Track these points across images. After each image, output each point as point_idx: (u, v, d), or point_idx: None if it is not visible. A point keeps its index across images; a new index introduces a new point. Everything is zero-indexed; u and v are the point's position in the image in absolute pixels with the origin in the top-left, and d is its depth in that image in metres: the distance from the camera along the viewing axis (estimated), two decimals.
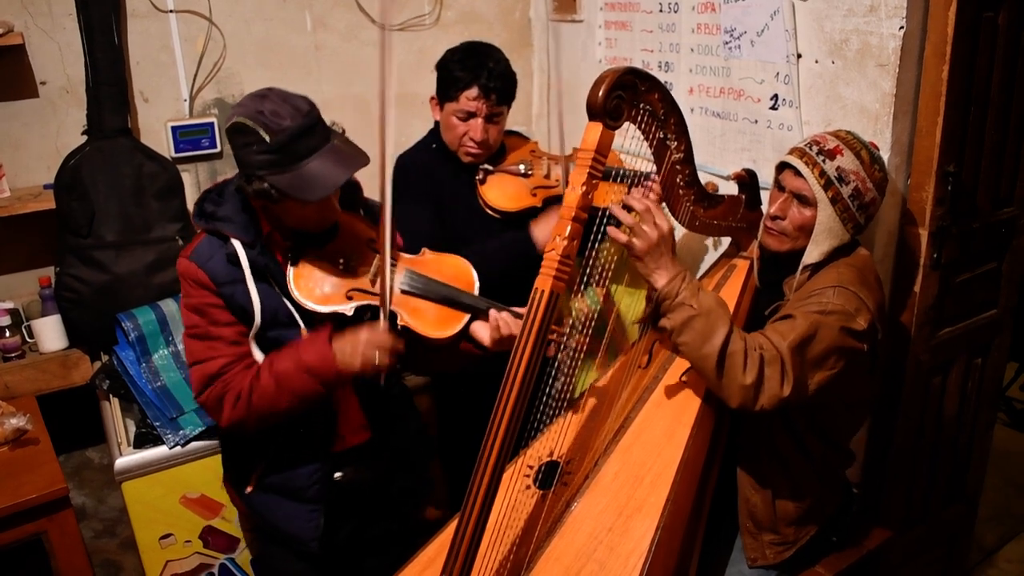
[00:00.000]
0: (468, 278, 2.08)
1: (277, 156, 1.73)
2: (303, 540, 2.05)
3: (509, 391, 1.47)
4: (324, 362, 1.84)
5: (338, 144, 1.83)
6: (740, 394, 1.70)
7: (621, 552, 1.59)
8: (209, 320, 1.88)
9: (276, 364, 1.87)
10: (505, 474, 1.54)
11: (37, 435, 2.48)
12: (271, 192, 1.75)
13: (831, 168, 1.87)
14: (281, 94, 1.79)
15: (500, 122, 2.47)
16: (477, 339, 2.02)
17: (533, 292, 1.50)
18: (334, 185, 1.78)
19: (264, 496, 2.07)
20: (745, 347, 1.70)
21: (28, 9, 2.79)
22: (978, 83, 2.22)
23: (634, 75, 1.64)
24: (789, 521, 1.99)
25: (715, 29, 2.67)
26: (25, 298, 2.99)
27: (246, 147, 1.75)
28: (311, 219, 1.89)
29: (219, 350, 1.88)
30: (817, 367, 1.76)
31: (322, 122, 1.83)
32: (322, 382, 1.85)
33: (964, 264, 2.42)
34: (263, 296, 1.88)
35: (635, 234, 1.71)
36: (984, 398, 2.74)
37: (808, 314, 1.78)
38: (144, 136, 3.02)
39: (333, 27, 3.31)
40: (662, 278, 1.73)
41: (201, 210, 1.92)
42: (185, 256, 1.89)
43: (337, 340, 1.86)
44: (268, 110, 1.73)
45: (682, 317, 1.71)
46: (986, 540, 3.26)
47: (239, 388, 1.86)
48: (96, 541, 3.20)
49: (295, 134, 1.74)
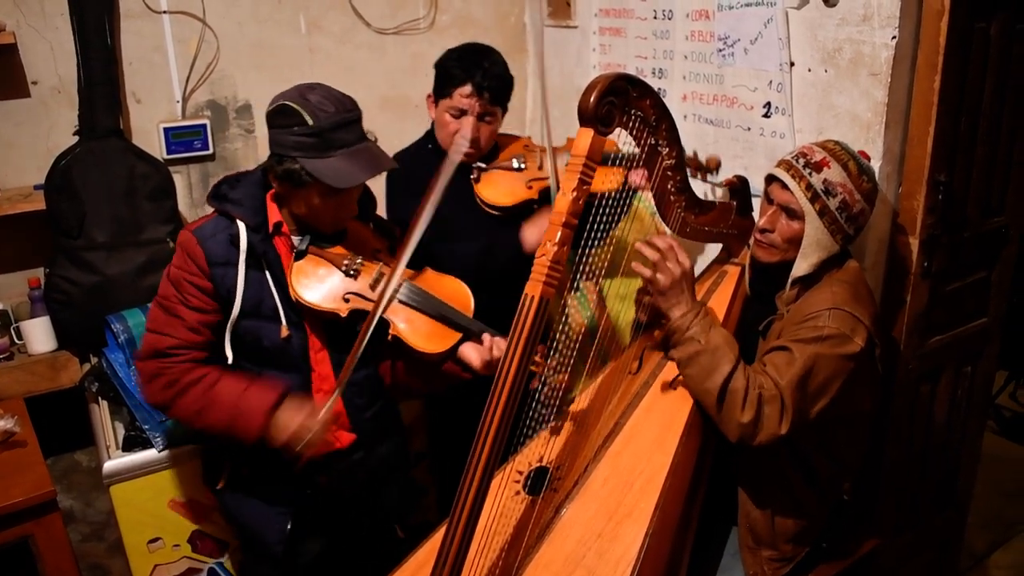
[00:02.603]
0: (465, 301, 2.10)
1: (314, 140, 1.81)
2: (268, 543, 2.06)
3: (498, 396, 1.47)
4: (256, 417, 1.87)
5: (371, 146, 1.92)
6: (738, 431, 1.77)
7: (610, 558, 1.59)
8: (180, 297, 1.90)
9: (218, 386, 1.90)
10: (494, 480, 1.53)
11: (25, 437, 2.47)
12: (301, 174, 1.81)
13: (817, 181, 1.87)
14: (329, 89, 1.89)
15: (492, 123, 2.47)
16: (466, 361, 2.02)
17: (523, 297, 1.50)
18: (362, 178, 1.86)
19: (235, 493, 2.09)
20: (746, 386, 1.76)
21: (20, 8, 2.77)
22: (969, 93, 2.23)
23: (626, 81, 1.64)
24: (788, 538, 2.00)
25: (709, 36, 2.68)
26: (14, 299, 2.98)
27: (286, 128, 1.82)
28: (327, 214, 1.93)
29: (175, 330, 1.90)
30: (818, 398, 1.80)
31: (361, 123, 1.91)
32: (239, 429, 1.88)
33: (954, 273, 2.43)
34: (251, 283, 1.91)
35: (658, 270, 1.80)
36: (974, 406, 2.75)
37: (805, 347, 1.79)
38: (136, 137, 3.01)
39: (327, 30, 3.31)
40: (678, 312, 1.82)
41: (216, 191, 1.98)
42: (189, 229, 1.93)
43: (282, 410, 1.89)
44: (315, 99, 1.83)
45: (689, 351, 1.80)
46: (976, 546, 3.27)
47: (175, 377, 1.89)
48: (84, 545, 3.18)
49: (337, 124, 1.82)
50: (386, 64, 3.46)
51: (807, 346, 1.79)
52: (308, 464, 2.01)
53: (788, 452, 1.95)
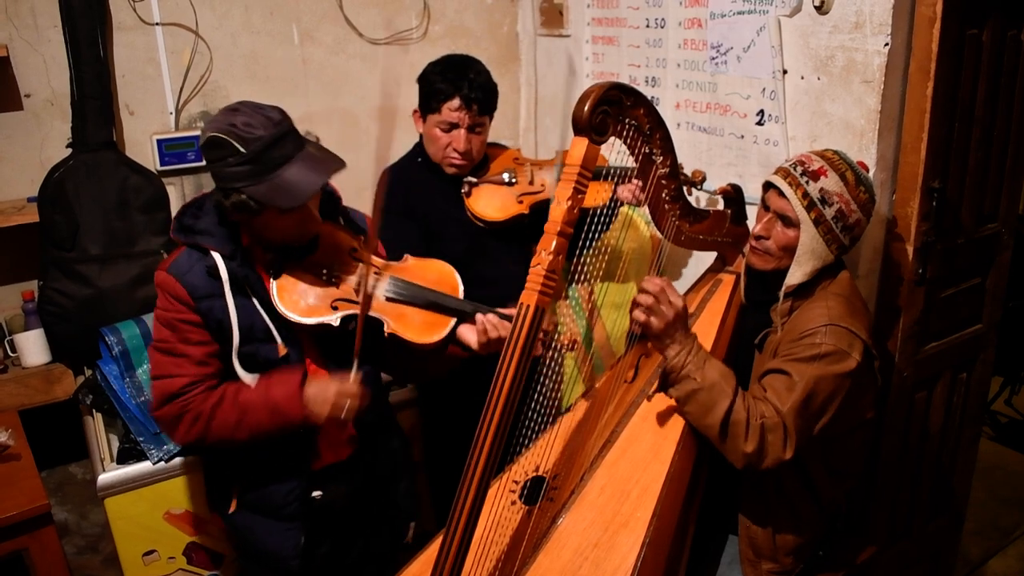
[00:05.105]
0: (452, 282, 2.09)
1: (252, 167, 1.73)
2: (283, 558, 2.04)
3: (495, 406, 1.46)
4: (292, 404, 1.84)
5: (312, 150, 1.83)
6: (743, 460, 1.77)
7: (607, 568, 1.58)
8: (179, 336, 1.86)
9: (242, 394, 1.86)
10: (491, 489, 1.53)
11: (19, 450, 2.46)
12: (250, 204, 1.75)
13: (814, 189, 1.88)
14: (252, 105, 1.79)
15: (483, 133, 2.48)
16: (464, 342, 2.02)
17: (518, 307, 1.50)
18: (312, 191, 1.78)
19: (245, 515, 2.06)
20: (747, 417, 1.76)
21: (13, 21, 2.77)
22: (962, 100, 2.24)
23: (620, 90, 1.64)
24: (788, 551, 2.00)
25: (702, 45, 2.69)
26: (8, 312, 2.97)
27: (221, 161, 1.75)
28: (291, 230, 1.88)
29: (184, 368, 1.86)
30: (819, 417, 1.81)
31: (295, 130, 1.82)
32: (285, 423, 1.85)
33: (949, 279, 2.44)
34: (240, 309, 1.87)
35: (652, 314, 1.79)
36: (969, 412, 2.75)
37: (804, 368, 1.80)
38: (129, 149, 3.01)
39: (320, 41, 3.31)
40: (672, 351, 1.81)
41: (180, 224, 1.91)
42: (163, 269, 1.88)
43: (309, 385, 1.86)
44: (240, 122, 1.73)
45: (686, 390, 1.80)
46: (971, 554, 3.27)
47: (199, 410, 1.85)
48: (79, 557, 3.16)
49: (269, 143, 1.74)
50: (379, 74, 3.46)
51: (806, 367, 1.79)
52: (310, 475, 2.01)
53: (790, 469, 1.94)
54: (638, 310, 1.81)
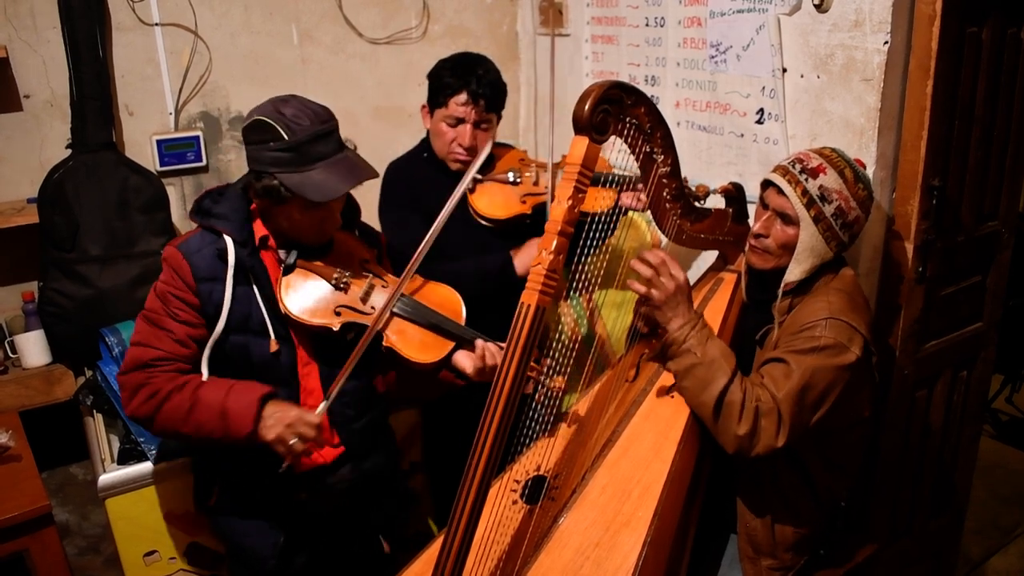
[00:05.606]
0: (456, 308, 2.11)
1: (291, 155, 1.78)
2: (261, 557, 2.05)
3: (496, 405, 1.46)
4: (242, 416, 1.82)
5: (350, 155, 1.88)
6: (735, 443, 1.77)
7: (608, 568, 1.58)
8: (168, 311, 1.87)
9: (203, 388, 1.86)
10: (492, 489, 1.53)
11: (20, 451, 2.45)
12: (280, 189, 1.79)
13: (813, 187, 1.88)
14: (303, 101, 1.86)
15: (489, 130, 2.49)
16: (460, 368, 2.03)
17: (519, 306, 1.50)
18: (342, 190, 1.83)
19: (226, 510, 2.07)
20: (743, 398, 1.76)
21: (12, 22, 2.77)
22: (962, 98, 2.23)
23: (620, 89, 1.64)
24: (787, 547, 1.99)
25: (701, 43, 2.69)
26: (8, 313, 2.97)
27: (262, 144, 1.80)
28: (311, 227, 1.91)
29: (162, 343, 1.87)
30: (815, 409, 1.81)
31: (338, 133, 1.88)
32: (229, 431, 1.83)
33: (949, 278, 2.43)
34: (239, 298, 1.89)
35: (653, 285, 1.80)
36: (970, 411, 2.75)
37: (802, 359, 1.80)
38: (129, 150, 3.01)
39: (320, 41, 3.31)
40: (675, 324, 1.82)
41: (199, 206, 1.95)
42: (174, 245, 1.91)
43: (269, 405, 1.85)
44: (289, 112, 1.80)
45: (685, 364, 1.81)
46: (972, 552, 3.27)
47: (158, 387, 1.84)
48: (80, 558, 3.16)
49: (312, 137, 1.80)
50: (379, 74, 3.46)
51: (804, 357, 1.79)
52: (293, 478, 2.00)
53: (786, 461, 1.94)
54: (637, 281, 1.82)
